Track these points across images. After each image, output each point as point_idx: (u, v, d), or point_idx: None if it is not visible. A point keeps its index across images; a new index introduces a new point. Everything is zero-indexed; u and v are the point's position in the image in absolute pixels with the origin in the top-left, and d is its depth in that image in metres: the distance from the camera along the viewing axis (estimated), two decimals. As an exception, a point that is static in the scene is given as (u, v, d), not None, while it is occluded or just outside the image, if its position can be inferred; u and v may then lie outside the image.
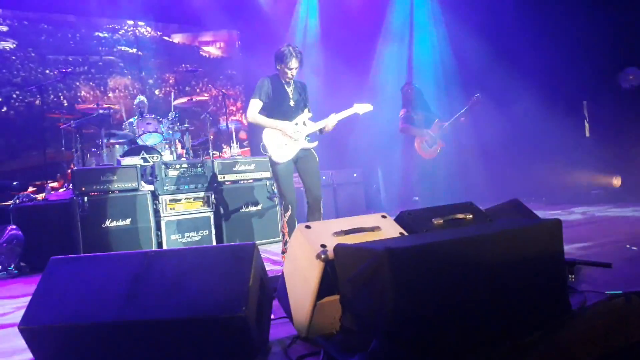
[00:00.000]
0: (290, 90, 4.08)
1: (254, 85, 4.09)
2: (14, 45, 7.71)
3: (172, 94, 7.29)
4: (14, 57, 7.73)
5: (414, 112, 6.10)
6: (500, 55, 7.66)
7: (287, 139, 4.00)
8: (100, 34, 8.51)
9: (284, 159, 3.98)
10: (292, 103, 4.07)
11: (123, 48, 8.67)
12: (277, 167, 4.00)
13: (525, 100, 7.53)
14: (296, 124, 4.04)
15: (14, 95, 7.58)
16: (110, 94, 8.39)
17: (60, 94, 8.02)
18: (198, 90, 8.97)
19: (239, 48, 9.69)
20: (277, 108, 4.04)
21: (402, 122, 6.15)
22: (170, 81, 9.04)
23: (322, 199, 4.09)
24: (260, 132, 4.06)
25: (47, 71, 7.73)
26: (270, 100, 4.03)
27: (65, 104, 7.53)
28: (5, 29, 7.69)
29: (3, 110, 7.45)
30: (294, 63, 3.92)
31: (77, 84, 8.20)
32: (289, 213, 3.99)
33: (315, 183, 4.07)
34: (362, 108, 4.23)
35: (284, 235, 4.05)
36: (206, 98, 8.22)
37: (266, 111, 4.06)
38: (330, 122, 4.06)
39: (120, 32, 8.69)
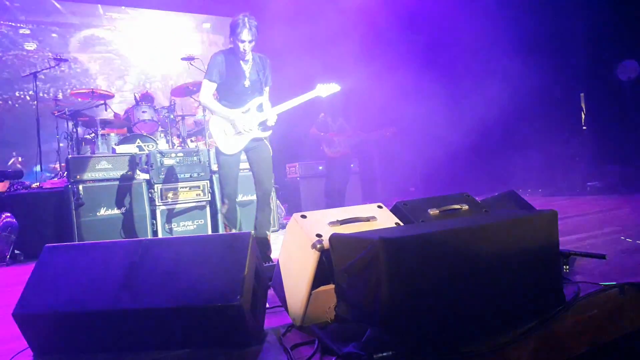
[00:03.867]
0: (247, 67, 3.62)
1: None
2: (35, 46, 8.73)
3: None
4: (36, 56, 8.73)
5: (331, 117, 6.33)
6: (498, 46, 7.64)
7: (247, 128, 3.62)
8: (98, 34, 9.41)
9: (233, 150, 3.63)
10: (247, 83, 3.62)
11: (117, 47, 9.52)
12: (222, 157, 3.65)
13: (522, 91, 7.52)
14: (248, 109, 3.64)
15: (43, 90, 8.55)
16: (113, 89, 9.02)
17: (75, 88, 8.64)
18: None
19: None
20: (230, 89, 3.62)
21: (315, 127, 6.46)
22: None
23: (273, 194, 3.85)
24: None
25: (62, 68, 8.64)
26: (223, 79, 3.59)
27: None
28: (27, 32, 8.70)
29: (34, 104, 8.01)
30: (245, 35, 3.45)
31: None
32: (226, 206, 3.71)
33: (266, 175, 3.72)
34: (326, 89, 3.84)
35: (224, 229, 3.76)
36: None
37: (218, 92, 3.65)
38: (283, 108, 3.68)
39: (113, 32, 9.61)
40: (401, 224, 2.25)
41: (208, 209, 5.46)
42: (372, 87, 7.72)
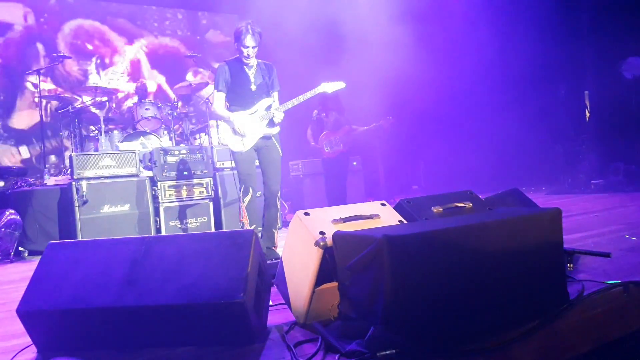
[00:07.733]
0: (251, 73, 3.83)
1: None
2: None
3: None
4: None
5: (325, 113, 6.22)
6: (503, 46, 7.61)
7: (244, 129, 3.78)
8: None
9: (243, 148, 3.80)
10: (253, 87, 3.83)
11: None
12: (236, 154, 3.85)
13: (527, 90, 7.50)
14: (256, 110, 3.82)
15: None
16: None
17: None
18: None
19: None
20: (237, 94, 3.84)
21: (310, 128, 6.37)
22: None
23: (280, 193, 3.89)
24: None
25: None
26: (230, 86, 3.82)
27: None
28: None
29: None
30: (249, 41, 3.67)
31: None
32: (248, 197, 3.82)
33: (274, 176, 3.87)
34: (331, 86, 3.96)
35: (243, 226, 3.82)
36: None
37: (228, 99, 3.87)
38: (288, 106, 3.80)
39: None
40: (404, 221, 2.24)
41: (211, 206, 5.47)
42: (371, 80, 7.68)
